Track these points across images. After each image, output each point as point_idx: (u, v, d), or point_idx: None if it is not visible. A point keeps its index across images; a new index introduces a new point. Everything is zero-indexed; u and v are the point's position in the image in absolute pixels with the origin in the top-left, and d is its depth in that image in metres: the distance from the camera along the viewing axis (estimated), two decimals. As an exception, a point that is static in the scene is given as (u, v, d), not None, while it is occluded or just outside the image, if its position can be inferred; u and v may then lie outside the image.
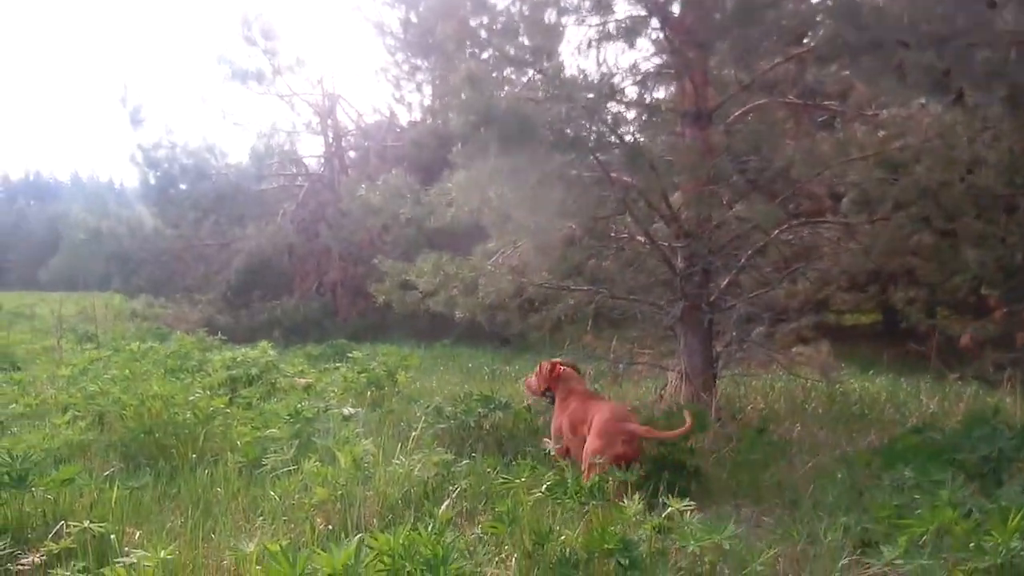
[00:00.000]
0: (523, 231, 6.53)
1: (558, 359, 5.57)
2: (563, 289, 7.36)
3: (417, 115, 19.10)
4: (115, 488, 3.78)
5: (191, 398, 5.51)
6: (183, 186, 18.31)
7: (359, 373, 7.64)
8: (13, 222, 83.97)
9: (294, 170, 19.48)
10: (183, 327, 16.33)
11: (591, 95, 5.57)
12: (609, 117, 6.17)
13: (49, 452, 4.42)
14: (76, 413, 5.52)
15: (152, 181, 18.43)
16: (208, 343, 12.20)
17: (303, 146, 20.04)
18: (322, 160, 19.37)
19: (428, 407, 6.14)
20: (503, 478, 3.67)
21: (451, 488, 4.11)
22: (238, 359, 8.54)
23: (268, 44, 17.04)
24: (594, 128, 5.77)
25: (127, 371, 6.62)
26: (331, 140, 19.28)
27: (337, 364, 9.47)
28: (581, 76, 5.79)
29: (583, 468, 4.43)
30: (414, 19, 16.75)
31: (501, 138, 5.46)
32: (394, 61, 18.66)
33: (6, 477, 3.47)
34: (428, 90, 18.64)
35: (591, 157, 5.75)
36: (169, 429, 5.06)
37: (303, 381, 7.97)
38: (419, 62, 17.82)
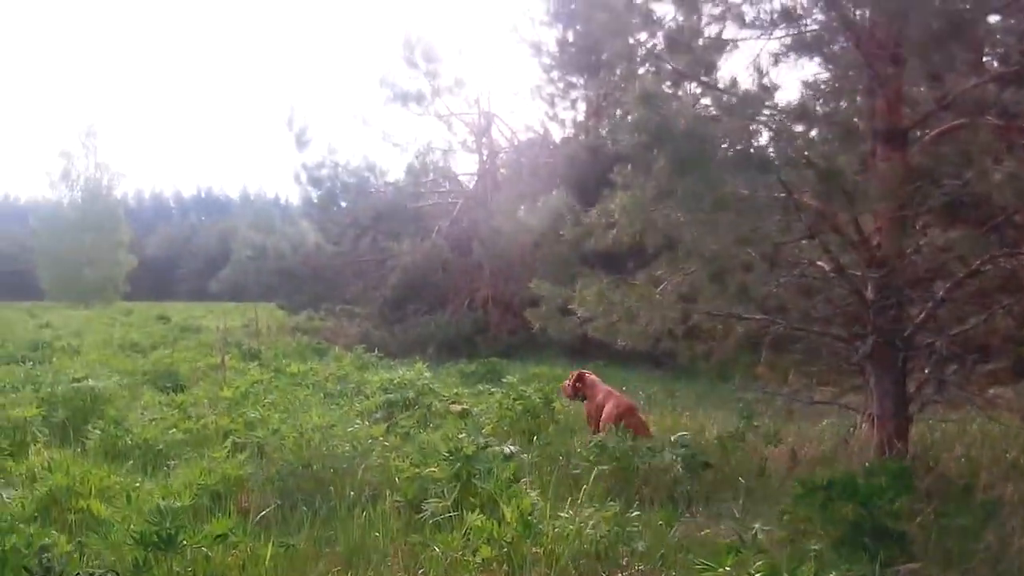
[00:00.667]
0: (695, 256, 6.08)
1: (586, 370, 7.78)
2: (734, 317, 6.82)
3: (570, 131, 18.97)
4: (270, 544, 3.64)
5: (350, 429, 5.42)
6: (344, 204, 18.96)
7: (514, 400, 7.41)
8: (186, 236, 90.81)
9: (448, 187, 19.74)
10: (341, 341, 16.85)
11: (776, 112, 5.07)
12: (798, 136, 5.63)
13: (206, 489, 4.37)
14: (236, 440, 5.53)
15: (314, 199, 19.19)
16: (365, 360, 12.41)
17: (458, 164, 20.30)
18: (476, 177, 19.52)
19: (590, 443, 5.83)
20: (704, 564, 3.20)
21: (625, 548, 3.74)
22: (395, 381, 8.52)
23: (429, 66, 17.39)
24: (780, 148, 5.26)
25: (288, 399, 6.64)
26: (485, 158, 19.41)
27: (490, 386, 9.31)
28: (763, 92, 5.30)
29: (601, 428, 6.72)
30: (571, 38, 16.83)
31: (675, 158, 5.07)
32: (549, 79, 18.64)
33: (155, 537, 3.32)
34: (582, 107, 18.44)
35: (776, 178, 5.23)
36: (327, 462, 4.97)
37: (458, 407, 7.84)
38: (575, 79, 17.79)
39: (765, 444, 6.69)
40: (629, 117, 5.12)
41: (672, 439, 5.71)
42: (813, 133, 6.34)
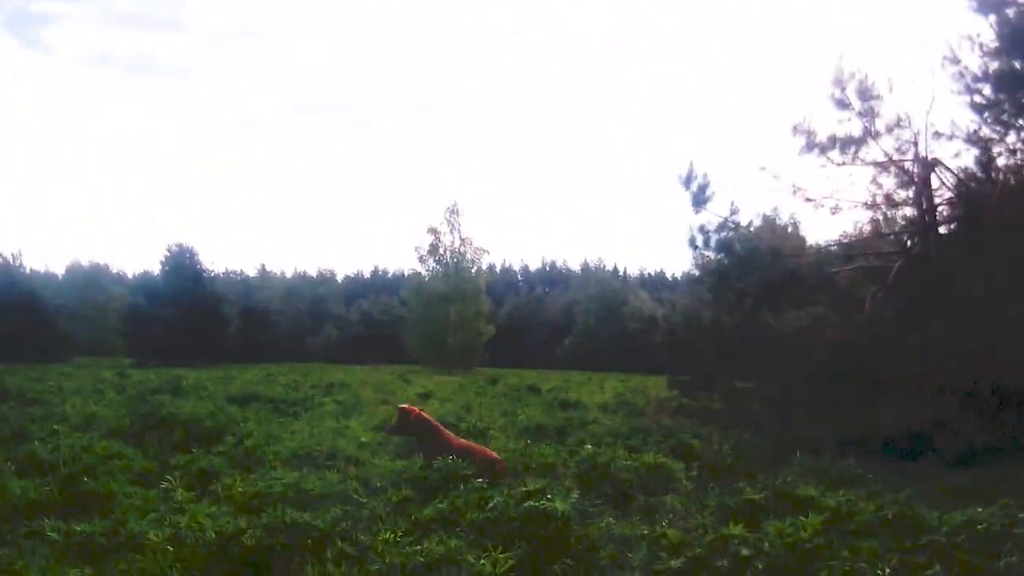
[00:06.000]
0: None
1: None
2: None
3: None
4: None
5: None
6: (746, 270, 16.49)
7: None
8: (532, 307, 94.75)
9: (879, 248, 16.44)
10: (733, 429, 14.19)
11: None
12: None
13: None
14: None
15: (712, 264, 16.99)
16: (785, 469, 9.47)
17: (889, 220, 16.94)
18: (914, 236, 16.00)
19: None
20: None
21: None
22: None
23: (864, 105, 14.52)
24: None
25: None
26: (924, 211, 15.85)
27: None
28: None
29: None
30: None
31: None
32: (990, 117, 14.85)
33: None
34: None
35: None
36: None
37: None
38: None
39: None
40: None
41: None
42: None
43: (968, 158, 15.40)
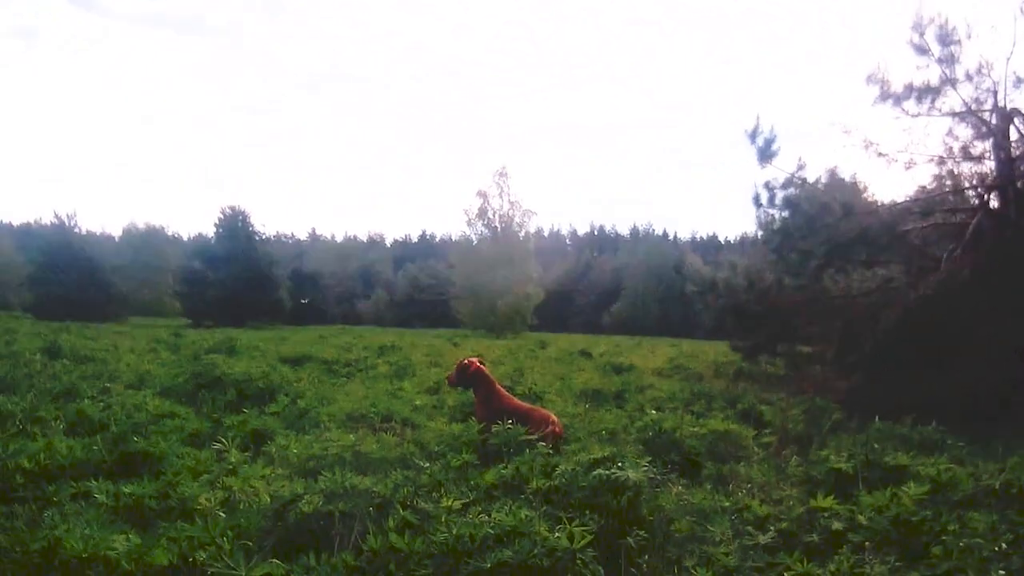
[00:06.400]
0: None
1: None
2: None
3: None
4: None
5: None
6: (814, 228, 15.75)
7: None
8: (580, 272, 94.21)
9: (955, 205, 15.54)
10: (800, 395, 13.60)
11: None
12: None
13: None
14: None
15: (777, 224, 16.27)
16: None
17: (966, 175, 16.00)
18: (992, 191, 15.07)
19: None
20: None
21: None
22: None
23: (943, 51, 13.59)
24: None
25: None
26: (1003, 164, 14.90)
27: None
28: None
29: None
30: None
31: None
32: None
33: None
34: None
35: None
36: None
37: None
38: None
39: None
40: None
41: None
42: None
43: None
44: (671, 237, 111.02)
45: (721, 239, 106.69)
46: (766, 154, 15.78)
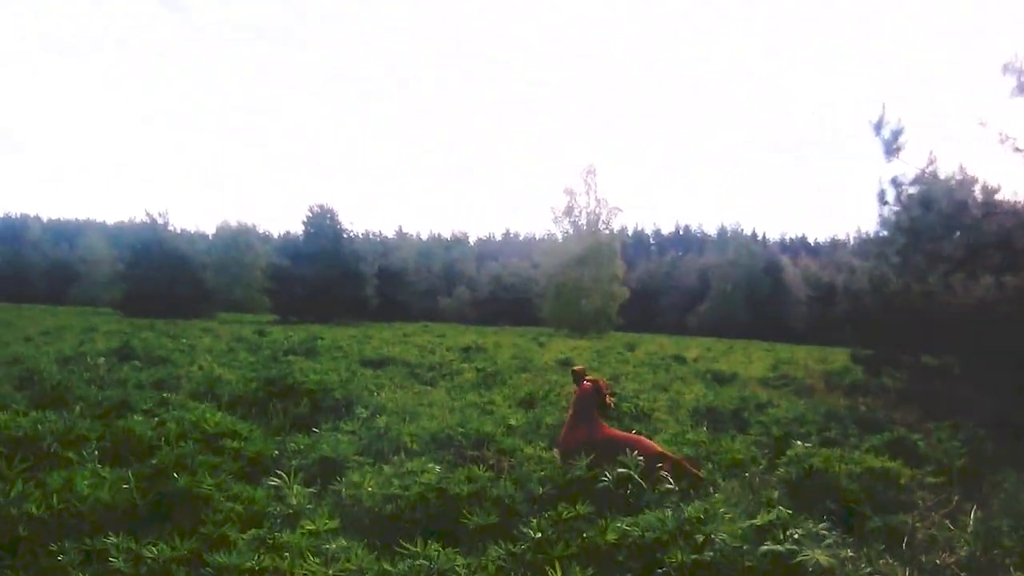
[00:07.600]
0: None
1: None
2: None
3: None
4: None
5: None
6: (948, 228, 14.05)
7: None
8: (664, 272, 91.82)
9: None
10: (936, 415, 11.97)
11: None
12: None
13: None
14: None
15: (905, 222, 14.58)
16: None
17: None
18: None
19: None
20: None
21: None
22: None
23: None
24: None
25: None
26: None
27: None
28: None
29: None
30: None
31: None
32: None
33: None
34: None
35: None
36: None
37: None
38: None
39: None
40: None
41: None
42: None
43: None
44: (759, 237, 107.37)
45: (811, 240, 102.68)
46: (892, 147, 14.12)
